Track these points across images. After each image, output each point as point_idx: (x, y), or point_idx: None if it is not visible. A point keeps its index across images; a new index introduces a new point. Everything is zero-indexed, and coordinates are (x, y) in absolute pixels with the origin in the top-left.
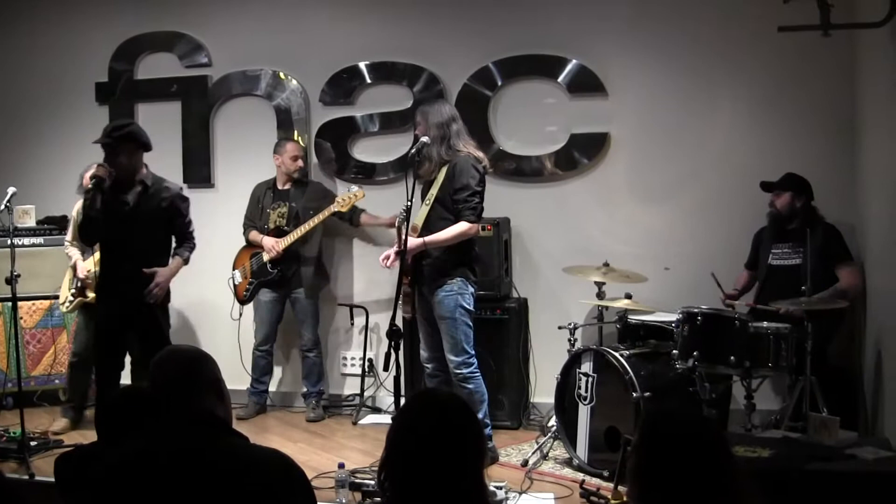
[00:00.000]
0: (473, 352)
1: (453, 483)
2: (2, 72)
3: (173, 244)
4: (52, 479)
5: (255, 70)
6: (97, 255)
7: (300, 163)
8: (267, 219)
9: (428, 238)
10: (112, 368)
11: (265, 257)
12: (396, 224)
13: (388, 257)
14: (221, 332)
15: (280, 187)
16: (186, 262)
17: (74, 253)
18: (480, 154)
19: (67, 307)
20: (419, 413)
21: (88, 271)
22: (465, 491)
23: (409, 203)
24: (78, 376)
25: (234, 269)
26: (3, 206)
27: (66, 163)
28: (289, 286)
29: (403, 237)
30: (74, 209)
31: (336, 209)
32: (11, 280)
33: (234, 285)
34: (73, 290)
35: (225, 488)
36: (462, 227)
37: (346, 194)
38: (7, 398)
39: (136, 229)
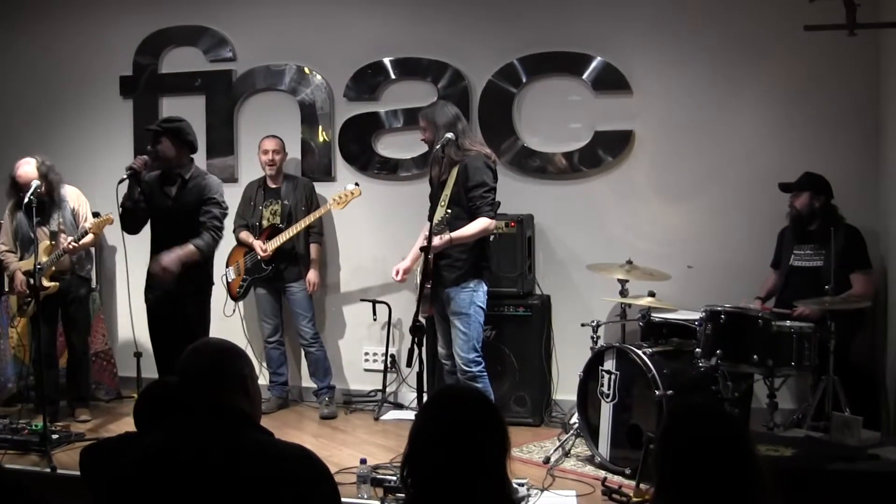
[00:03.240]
0: (481, 352)
1: (476, 478)
2: (27, 65)
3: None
4: (74, 473)
5: (279, 65)
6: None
7: (270, 157)
8: (260, 216)
9: (454, 234)
10: (169, 358)
11: (259, 255)
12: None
13: (398, 272)
14: (229, 329)
15: (271, 185)
16: (199, 249)
17: (11, 259)
18: (489, 150)
19: (26, 311)
20: (443, 408)
21: (24, 280)
22: (487, 486)
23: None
24: (45, 372)
25: (227, 267)
26: (27, 199)
27: (91, 156)
28: (282, 280)
29: (427, 235)
30: (6, 212)
31: (332, 207)
32: (34, 273)
33: (228, 282)
34: (26, 299)
35: (248, 483)
36: (483, 222)
37: (344, 192)
38: (30, 391)
39: (175, 223)
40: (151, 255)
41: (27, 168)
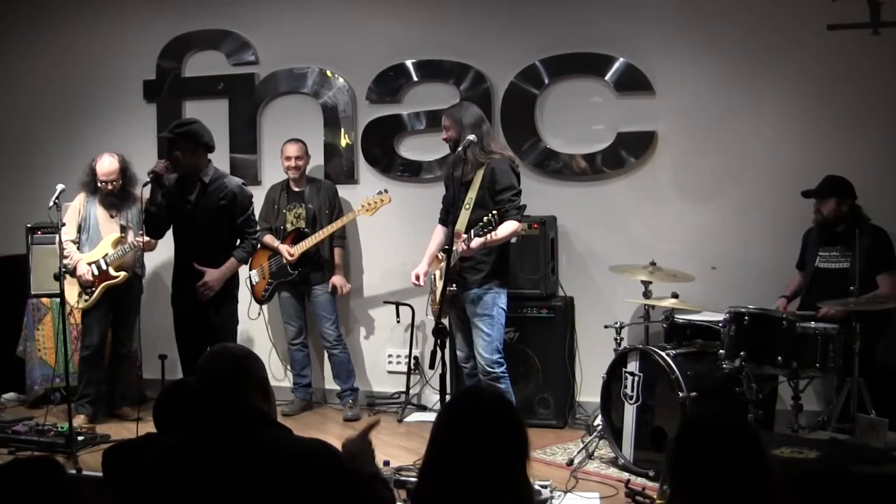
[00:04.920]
0: (503, 354)
1: (493, 480)
2: (51, 70)
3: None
4: (100, 474)
5: (302, 68)
6: (102, 244)
7: (293, 163)
8: (283, 220)
9: (489, 237)
10: (193, 362)
11: (285, 259)
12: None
13: (417, 277)
14: (253, 331)
15: (294, 189)
16: (242, 262)
17: (72, 250)
18: (512, 154)
19: (87, 300)
20: (463, 408)
21: (89, 265)
22: (505, 488)
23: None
24: (90, 370)
25: (250, 270)
26: (52, 203)
27: None
28: (307, 283)
29: (445, 239)
30: (75, 203)
31: (360, 213)
32: (59, 276)
33: (252, 285)
34: (90, 289)
35: (267, 478)
36: (513, 225)
37: (373, 198)
38: (55, 393)
39: (198, 227)
40: (175, 259)
41: (108, 160)
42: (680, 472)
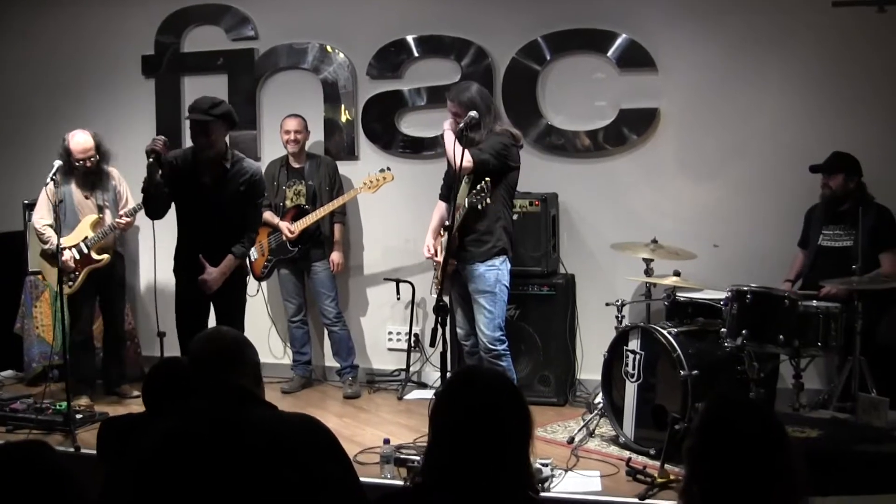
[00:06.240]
0: (504, 331)
1: (491, 466)
2: (48, 46)
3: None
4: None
5: (301, 43)
6: (80, 227)
7: (292, 136)
8: (283, 196)
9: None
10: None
11: (285, 236)
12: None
13: (429, 249)
14: (253, 309)
15: (294, 165)
16: (240, 257)
17: (51, 234)
18: (517, 132)
19: (70, 286)
20: (456, 394)
21: (69, 249)
22: (504, 475)
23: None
24: (82, 354)
25: None
26: (48, 180)
27: (112, 136)
28: (306, 260)
29: (451, 216)
30: (49, 185)
31: (363, 191)
32: (57, 253)
33: (250, 262)
34: (73, 273)
35: (256, 458)
36: (468, 154)
37: (375, 175)
38: (53, 371)
39: (213, 211)
40: (181, 239)
41: (82, 136)
42: (698, 462)
